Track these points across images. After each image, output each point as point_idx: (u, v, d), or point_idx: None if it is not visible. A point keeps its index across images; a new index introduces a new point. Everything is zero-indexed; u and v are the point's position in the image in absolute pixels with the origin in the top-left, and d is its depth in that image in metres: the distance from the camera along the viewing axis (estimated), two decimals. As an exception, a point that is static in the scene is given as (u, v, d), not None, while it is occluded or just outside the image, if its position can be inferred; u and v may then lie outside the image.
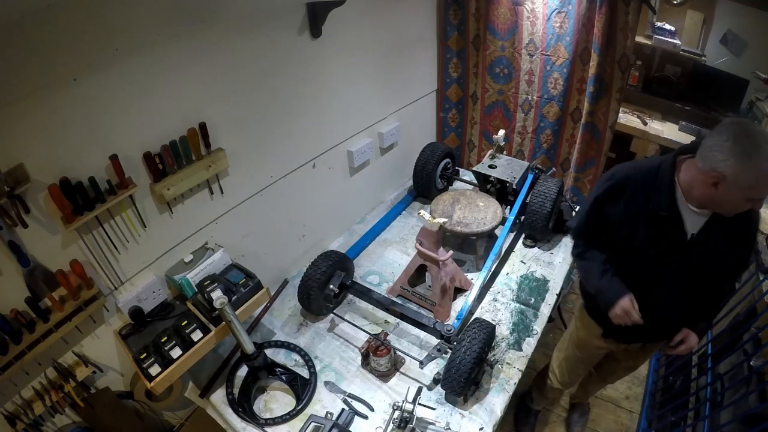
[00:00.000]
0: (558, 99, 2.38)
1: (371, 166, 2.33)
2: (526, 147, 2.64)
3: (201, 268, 1.56)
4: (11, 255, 1.15)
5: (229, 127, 1.55)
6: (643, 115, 3.46)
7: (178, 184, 1.42)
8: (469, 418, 1.50)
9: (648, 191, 1.26)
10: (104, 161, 1.25)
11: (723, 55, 3.36)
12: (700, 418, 1.75)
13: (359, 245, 2.19)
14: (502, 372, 1.63)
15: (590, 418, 2.20)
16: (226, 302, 1.36)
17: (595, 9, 2.04)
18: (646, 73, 3.65)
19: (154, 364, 1.36)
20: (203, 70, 1.41)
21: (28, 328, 1.22)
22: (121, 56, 1.20)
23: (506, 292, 1.93)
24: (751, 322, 1.71)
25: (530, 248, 2.15)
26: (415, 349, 1.72)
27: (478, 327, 1.52)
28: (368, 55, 2.04)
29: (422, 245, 1.75)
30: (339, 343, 1.75)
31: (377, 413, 1.51)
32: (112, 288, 1.43)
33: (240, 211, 1.72)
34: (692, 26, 3.37)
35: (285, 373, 1.61)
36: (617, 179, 1.31)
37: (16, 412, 1.28)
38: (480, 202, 2.07)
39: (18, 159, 1.10)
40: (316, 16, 1.66)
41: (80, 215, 1.22)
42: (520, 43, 2.32)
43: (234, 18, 1.43)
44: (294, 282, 1.91)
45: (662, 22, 3.45)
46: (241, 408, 1.51)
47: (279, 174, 1.83)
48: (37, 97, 1.09)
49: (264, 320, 1.84)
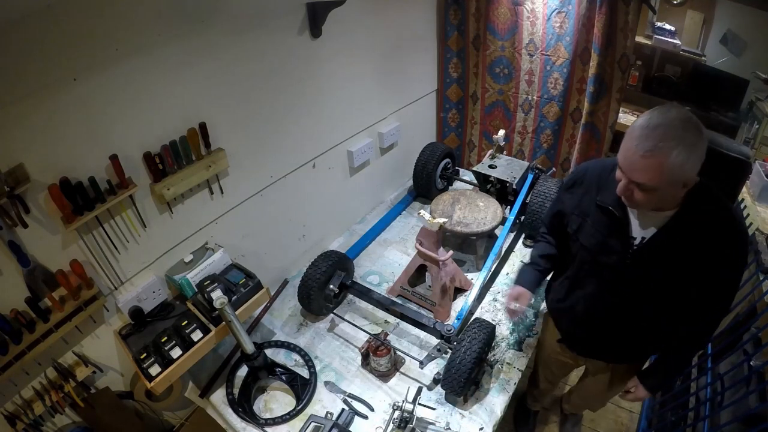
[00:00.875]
0: (558, 99, 2.38)
1: (371, 166, 2.33)
2: (526, 147, 2.63)
3: (201, 268, 1.56)
4: (11, 255, 1.15)
5: (229, 127, 1.55)
6: (643, 115, 3.45)
7: (178, 184, 1.42)
8: (469, 418, 1.50)
9: (600, 185, 1.20)
10: (104, 161, 1.25)
11: (723, 55, 3.36)
12: (700, 418, 1.75)
13: (359, 245, 2.19)
14: (502, 372, 1.63)
15: (590, 418, 2.20)
16: (226, 302, 1.36)
17: (595, 9, 2.04)
18: (646, 73, 3.66)
19: (154, 364, 1.36)
20: (203, 70, 1.41)
21: (28, 328, 1.22)
22: (121, 56, 1.20)
23: (506, 292, 1.93)
24: (751, 322, 1.71)
25: (530, 248, 2.15)
26: (415, 349, 1.72)
27: (478, 327, 1.52)
28: (368, 55, 2.04)
29: (422, 245, 1.75)
30: (339, 343, 1.75)
31: (377, 413, 1.51)
32: (112, 288, 1.43)
33: (240, 211, 1.72)
34: (692, 26, 3.38)
35: (285, 373, 1.61)
36: (578, 170, 1.32)
37: (16, 412, 1.28)
38: (480, 202, 2.07)
39: (18, 159, 1.10)
40: (316, 16, 1.66)
41: (80, 215, 1.22)
42: (520, 43, 2.32)
43: (234, 18, 1.43)
44: (294, 282, 1.91)
45: (662, 22, 3.45)
46: (241, 408, 1.51)
47: (279, 174, 1.83)
48: (37, 97, 1.09)
49: (264, 320, 1.84)
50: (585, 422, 2.28)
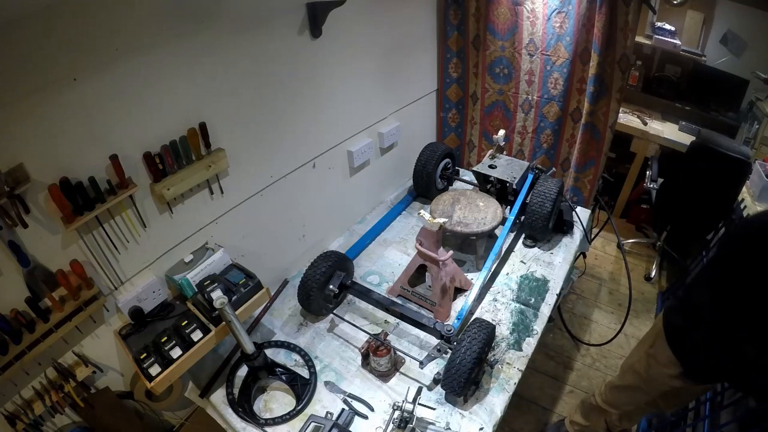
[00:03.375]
0: (558, 99, 2.38)
1: (371, 166, 2.33)
2: (526, 147, 2.63)
3: (201, 268, 1.56)
4: (11, 255, 1.15)
5: (229, 127, 1.55)
6: (643, 115, 3.46)
7: (178, 184, 1.42)
8: (469, 418, 1.50)
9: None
10: (104, 161, 1.25)
11: (723, 55, 3.37)
12: (700, 418, 1.75)
13: (359, 245, 2.19)
14: (502, 372, 1.63)
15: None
16: (226, 302, 1.36)
17: (595, 9, 2.04)
18: (646, 73, 3.66)
19: (154, 364, 1.36)
20: (203, 70, 1.41)
21: (28, 328, 1.22)
22: (121, 56, 1.20)
23: (506, 292, 1.93)
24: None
25: (530, 248, 2.15)
26: (415, 349, 1.72)
27: (478, 327, 1.52)
28: (368, 55, 2.04)
29: (422, 245, 1.75)
30: (339, 343, 1.75)
31: (377, 413, 1.51)
32: (112, 288, 1.43)
33: (240, 211, 1.72)
34: (692, 26, 3.38)
35: (285, 373, 1.61)
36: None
37: (16, 412, 1.28)
38: (480, 202, 2.07)
39: (18, 159, 1.10)
40: (316, 16, 1.66)
41: (80, 215, 1.22)
42: (520, 43, 2.32)
43: (234, 18, 1.43)
44: (294, 282, 1.91)
45: (662, 22, 3.45)
46: (241, 408, 1.51)
47: (279, 174, 1.83)
48: (37, 97, 1.08)
49: (264, 320, 1.84)
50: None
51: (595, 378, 2.56)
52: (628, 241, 3.55)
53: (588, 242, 2.39)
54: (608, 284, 3.20)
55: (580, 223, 2.24)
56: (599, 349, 2.68)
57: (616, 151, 3.47)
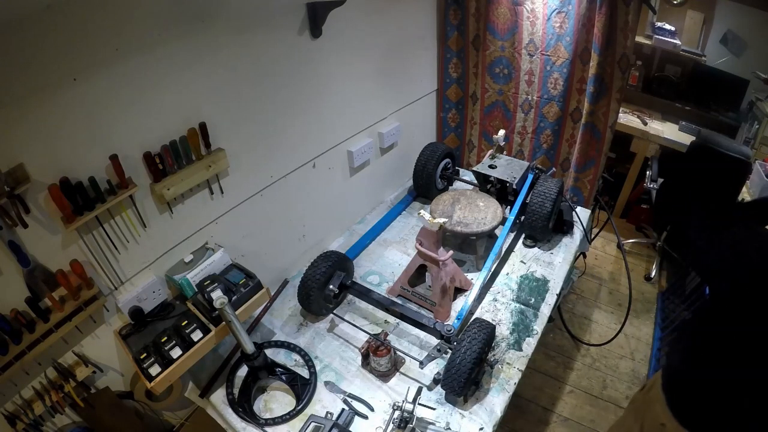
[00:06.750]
0: (558, 99, 2.38)
1: (371, 166, 2.33)
2: (526, 147, 2.63)
3: (201, 268, 1.56)
4: (11, 255, 1.15)
5: (229, 127, 1.55)
6: (643, 115, 3.46)
7: (178, 184, 1.42)
8: (469, 418, 1.50)
9: None
10: (104, 161, 1.25)
11: (723, 55, 3.37)
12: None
13: (359, 245, 2.19)
14: (502, 372, 1.63)
15: (591, 418, 2.20)
16: (226, 302, 1.36)
17: (595, 9, 2.04)
18: (646, 73, 3.66)
19: (154, 364, 1.36)
20: (203, 70, 1.41)
21: (28, 328, 1.22)
22: (121, 56, 1.20)
23: (506, 292, 1.93)
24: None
25: (530, 248, 2.15)
26: (415, 349, 1.72)
27: (478, 327, 1.52)
28: (368, 55, 2.04)
29: (422, 245, 1.75)
30: (339, 343, 1.75)
31: (377, 413, 1.51)
32: (112, 288, 1.43)
33: (240, 211, 1.72)
34: (692, 26, 3.38)
35: (285, 373, 1.61)
36: None
37: (16, 412, 1.28)
38: (480, 202, 2.07)
39: (18, 159, 1.10)
40: (316, 16, 1.66)
41: (80, 215, 1.22)
42: (520, 43, 2.32)
43: (234, 18, 1.43)
44: (294, 282, 1.91)
45: (662, 22, 3.46)
46: (241, 408, 1.51)
47: (279, 174, 1.83)
48: (37, 97, 1.08)
49: (264, 320, 1.84)
50: (585, 422, 2.28)
51: (595, 378, 2.57)
52: (628, 241, 3.56)
53: (588, 242, 2.39)
54: (608, 284, 3.21)
55: (580, 223, 2.24)
56: (599, 349, 2.69)
57: (616, 151, 3.47)
